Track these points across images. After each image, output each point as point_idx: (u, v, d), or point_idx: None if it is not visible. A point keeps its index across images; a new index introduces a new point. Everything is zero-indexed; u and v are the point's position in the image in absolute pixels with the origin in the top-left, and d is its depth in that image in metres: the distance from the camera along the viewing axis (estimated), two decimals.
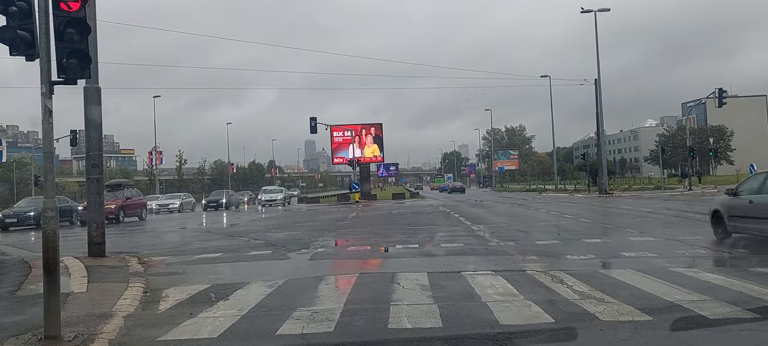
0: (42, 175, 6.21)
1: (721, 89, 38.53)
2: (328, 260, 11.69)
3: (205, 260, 11.83)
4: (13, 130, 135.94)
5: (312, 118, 43.78)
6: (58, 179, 59.75)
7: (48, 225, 5.77)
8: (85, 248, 11.86)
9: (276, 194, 49.63)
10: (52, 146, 5.97)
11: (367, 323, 5.92)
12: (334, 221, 22.81)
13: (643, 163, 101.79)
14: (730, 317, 5.70)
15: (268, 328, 5.79)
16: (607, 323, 5.53)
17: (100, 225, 11.86)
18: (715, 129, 78.38)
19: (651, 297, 6.61)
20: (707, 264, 9.34)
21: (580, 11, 41.41)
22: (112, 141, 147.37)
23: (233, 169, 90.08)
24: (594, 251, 10.91)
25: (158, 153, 64.34)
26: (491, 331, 5.41)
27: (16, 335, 5.58)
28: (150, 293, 7.95)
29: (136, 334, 5.85)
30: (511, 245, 12.26)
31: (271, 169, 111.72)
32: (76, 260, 10.75)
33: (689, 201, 28.47)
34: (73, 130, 43.34)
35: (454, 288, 7.59)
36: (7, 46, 5.92)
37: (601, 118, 44.59)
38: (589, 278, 7.86)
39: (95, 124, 11.76)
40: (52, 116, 5.77)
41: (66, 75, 5.96)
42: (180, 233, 20.82)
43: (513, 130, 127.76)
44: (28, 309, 6.72)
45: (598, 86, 43.68)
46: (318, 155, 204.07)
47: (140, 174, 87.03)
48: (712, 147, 59.17)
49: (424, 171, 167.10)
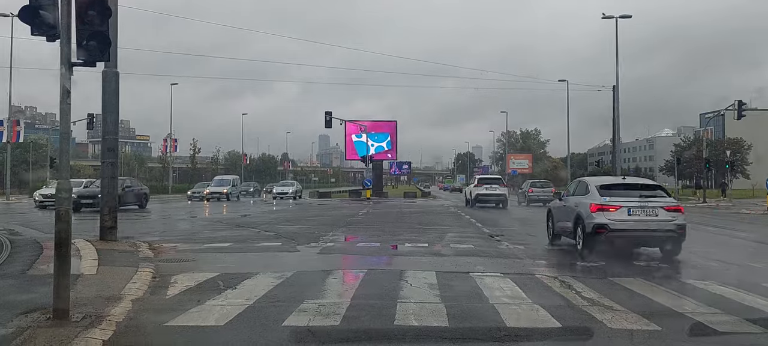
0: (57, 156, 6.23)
1: (740, 101, 38.02)
2: (337, 254, 11.71)
3: (215, 248, 11.89)
4: (31, 112, 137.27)
5: (327, 113, 43.75)
6: (73, 162, 60.37)
7: (61, 206, 5.81)
8: (97, 232, 11.96)
9: (288, 187, 50.21)
10: (68, 127, 6.00)
11: (373, 319, 5.92)
12: (345, 217, 22.84)
13: (658, 173, 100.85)
14: (738, 330, 5.65)
15: (275, 318, 5.81)
16: (615, 331, 5.49)
17: (112, 210, 11.95)
18: (733, 142, 77.50)
19: (660, 307, 6.56)
20: (719, 277, 9.23)
21: (601, 17, 41.05)
22: (128, 126, 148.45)
23: (247, 160, 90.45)
24: (604, 258, 10.82)
25: (173, 141, 64.72)
26: (497, 332, 5.40)
27: (26, 313, 5.65)
28: (159, 279, 8.01)
29: (143, 318, 5.90)
30: (521, 249, 12.20)
31: (284, 163, 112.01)
32: (88, 242, 10.85)
33: (704, 213, 28.17)
34: (90, 113, 43.64)
35: (462, 288, 7.57)
36: (29, 25, 5.98)
37: (618, 126, 44.16)
38: (598, 285, 7.81)
39: (112, 109, 11.83)
40: (70, 97, 5.82)
41: (85, 57, 6.00)
42: (190, 222, 20.95)
43: (528, 134, 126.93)
44: (38, 288, 6.79)
45: (616, 93, 43.27)
46: (332, 150, 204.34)
47: (154, 161, 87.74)
48: (728, 160, 58.51)
49: (437, 171, 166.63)
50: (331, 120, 44.27)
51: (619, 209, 10.70)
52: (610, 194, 11.02)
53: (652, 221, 10.72)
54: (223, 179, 46.80)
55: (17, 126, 44.52)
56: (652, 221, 10.73)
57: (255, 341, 5.18)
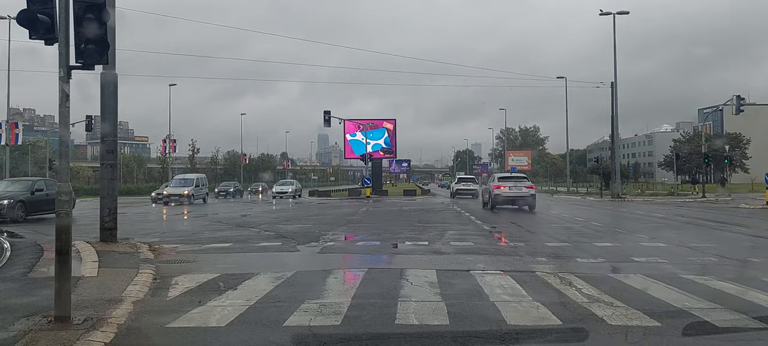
0: (56, 158, 6.24)
1: (739, 96, 38.07)
2: (337, 254, 11.72)
3: (216, 249, 11.90)
4: (29, 114, 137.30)
5: (326, 112, 43.77)
6: (73, 164, 60.26)
7: (61, 209, 5.82)
8: (97, 233, 11.97)
9: (287, 186, 50.28)
10: (68, 131, 6.01)
11: (374, 318, 5.93)
12: (345, 216, 22.85)
13: (657, 169, 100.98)
14: (738, 326, 5.66)
15: (276, 318, 5.82)
16: (615, 327, 5.50)
17: (112, 211, 11.96)
18: (732, 136, 77.54)
19: (660, 303, 6.57)
20: (718, 272, 9.25)
21: (599, 13, 41.13)
22: (127, 128, 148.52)
23: (246, 159, 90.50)
24: (604, 254, 10.84)
25: (172, 141, 64.64)
26: (498, 330, 5.42)
27: (27, 316, 5.66)
28: (159, 280, 8.03)
29: (144, 320, 5.91)
30: (521, 246, 12.22)
31: (283, 162, 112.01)
32: (88, 244, 10.86)
33: (703, 208, 28.22)
34: (89, 115, 43.61)
35: (463, 287, 7.59)
36: (27, 29, 5.99)
37: (616, 122, 44.26)
38: (599, 281, 7.82)
39: (111, 110, 11.84)
40: (69, 101, 5.83)
41: (84, 60, 6.01)
42: (191, 222, 20.96)
43: (527, 131, 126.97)
44: (39, 291, 6.80)
45: (615, 89, 43.40)
46: (330, 149, 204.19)
47: (153, 162, 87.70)
48: (727, 154, 58.54)
49: (436, 169, 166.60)
50: (329, 119, 44.31)
51: (504, 187, 24.56)
52: (501, 181, 25.42)
53: (518, 192, 24.26)
54: (186, 179, 40.02)
55: (16, 129, 44.40)
56: (518, 192, 24.26)
57: (256, 342, 5.18)
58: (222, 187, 52.26)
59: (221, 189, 51.09)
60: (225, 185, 53.73)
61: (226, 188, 51.59)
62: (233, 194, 50.55)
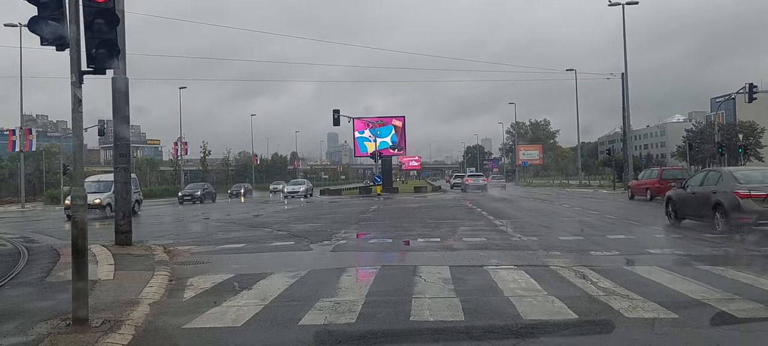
0: (70, 164, 6.30)
1: (752, 84, 37.68)
2: (350, 252, 11.74)
3: (229, 250, 11.95)
4: (42, 120, 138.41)
5: (335, 111, 43.81)
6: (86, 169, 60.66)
7: (77, 213, 5.87)
8: (112, 236, 12.07)
9: (299, 186, 50.26)
10: (81, 136, 6.07)
11: (389, 315, 5.94)
12: (356, 214, 22.86)
13: (670, 159, 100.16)
14: (758, 316, 5.61)
15: (291, 317, 5.84)
16: (633, 320, 5.47)
17: (126, 214, 12.05)
18: (746, 125, 76.77)
19: (677, 294, 6.53)
20: (734, 263, 9.18)
21: (608, 4, 40.79)
22: (139, 131, 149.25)
23: (257, 160, 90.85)
24: (619, 247, 10.77)
25: (183, 144, 65.00)
26: (514, 325, 5.39)
27: (46, 320, 5.72)
28: (175, 282, 8.08)
29: (161, 321, 5.95)
30: (534, 240, 12.17)
31: (294, 162, 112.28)
32: (103, 248, 10.95)
33: None
34: (101, 119, 44.00)
35: (476, 282, 7.57)
36: (38, 36, 6.04)
37: (628, 113, 43.91)
38: (614, 274, 7.78)
39: (123, 114, 11.92)
40: (82, 106, 5.87)
41: (95, 65, 6.07)
42: (203, 224, 21.06)
43: (537, 124, 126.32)
44: (57, 295, 6.87)
45: (625, 80, 43.03)
46: (340, 148, 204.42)
47: (166, 164, 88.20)
48: (741, 144, 57.96)
49: (446, 165, 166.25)
50: (339, 118, 44.35)
51: (470, 181, 47.91)
52: (469, 175, 54.23)
53: (477, 183, 46.24)
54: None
55: (29, 135, 44.90)
56: (478, 183, 46.40)
57: (273, 341, 5.21)
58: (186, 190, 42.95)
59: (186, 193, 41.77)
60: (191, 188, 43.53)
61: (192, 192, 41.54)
62: (201, 197, 40.07)
